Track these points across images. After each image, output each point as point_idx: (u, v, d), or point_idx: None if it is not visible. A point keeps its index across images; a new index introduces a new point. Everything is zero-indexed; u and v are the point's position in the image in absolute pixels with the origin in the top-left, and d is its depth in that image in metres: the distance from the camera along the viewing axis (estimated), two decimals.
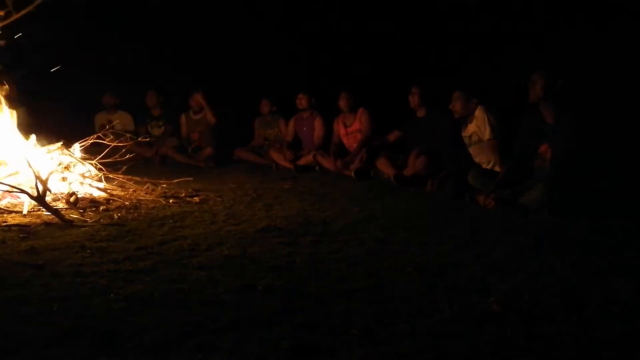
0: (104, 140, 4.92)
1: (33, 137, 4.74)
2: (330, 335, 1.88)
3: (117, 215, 3.88)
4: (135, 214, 3.93)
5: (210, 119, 7.29)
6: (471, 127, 4.79)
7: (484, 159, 4.73)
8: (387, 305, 2.15)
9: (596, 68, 5.40)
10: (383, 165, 5.67)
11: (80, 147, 4.88)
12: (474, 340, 1.84)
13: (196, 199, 4.51)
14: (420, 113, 5.71)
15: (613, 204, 3.84)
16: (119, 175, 4.85)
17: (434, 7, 7.05)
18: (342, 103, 6.36)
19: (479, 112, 4.70)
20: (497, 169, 4.59)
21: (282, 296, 2.25)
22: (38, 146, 4.66)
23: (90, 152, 4.94)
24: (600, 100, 5.10)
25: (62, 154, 4.64)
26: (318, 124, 6.80)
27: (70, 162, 4.62)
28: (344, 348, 1.79)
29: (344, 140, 6.47)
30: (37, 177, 3.80)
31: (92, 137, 4.98)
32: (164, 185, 4.92)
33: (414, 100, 5.70)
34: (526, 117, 4.17)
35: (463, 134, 4.88)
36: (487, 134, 4.65)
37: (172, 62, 7.95)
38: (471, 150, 4.83)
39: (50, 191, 3.94)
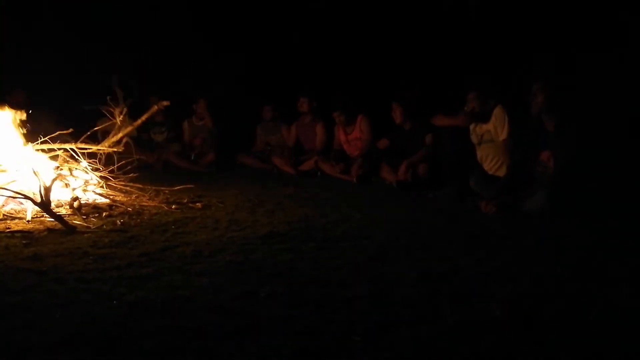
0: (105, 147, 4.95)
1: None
2: (332, 341, 1.88)
3: (120, 221, 3.89)
4: (138, 220, 3.93)
5: (208, 123, 7.42)
6: (485, 126, 4.75)
7: (493, 159, 4.71)
8: (389, 311, 2.15)
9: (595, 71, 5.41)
10: (385, 172, 5.71)
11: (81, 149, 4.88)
12: (476, 345, 1.84)
13: (198, 204, 4.52)
14: (407, 126, 5.76)
15: (615, 208, 3.83)
16: (122, 182, 4.86)
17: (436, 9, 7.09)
18: (339, 120, 6.40)
19: (498, 111, 4.64)
20: (502, 170, 4.57)
21: (284, 302, 2.25)
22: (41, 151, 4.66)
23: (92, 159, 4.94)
24: (599, 101, 5.10)
25: (66, 161, 4.65)
26: (320, 129, 6.82)
27: (73, 167, 4.63)
28: (346, 354, 1.79)
29: (345, 147, 6.48)
30: (42, 186, 3.81)
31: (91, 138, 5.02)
32: (167, 191, 4.93)
33: (396, 116, 5.77)
34: (528, 124, 4.18)
35: (476, 131, 4.83)
36: (504, 134, 4.61)
37: (174, 66, 7.98)
38: (480, 149, 4.81)
39: (50, 204, 3.93)
